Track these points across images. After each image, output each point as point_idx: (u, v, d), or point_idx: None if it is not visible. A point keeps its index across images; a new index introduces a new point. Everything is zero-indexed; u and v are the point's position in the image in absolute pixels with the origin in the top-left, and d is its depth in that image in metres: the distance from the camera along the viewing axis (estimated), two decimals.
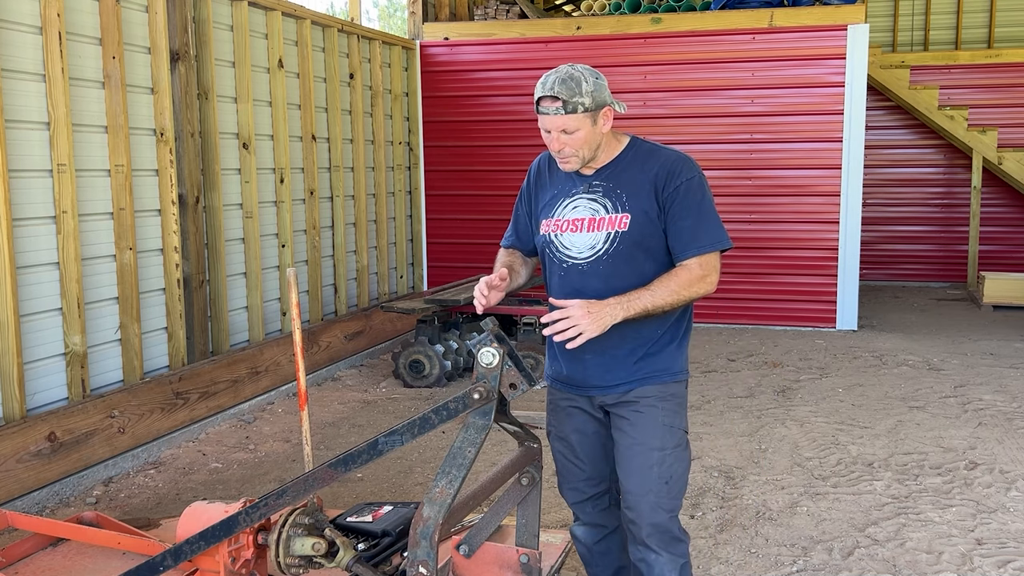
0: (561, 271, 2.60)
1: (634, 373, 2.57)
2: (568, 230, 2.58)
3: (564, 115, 2.43)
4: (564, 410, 2.73)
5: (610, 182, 2.56)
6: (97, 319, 5.08)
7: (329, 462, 2.37)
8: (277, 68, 6.74)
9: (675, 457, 2.57)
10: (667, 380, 2.59)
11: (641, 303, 2.43)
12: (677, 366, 2.62)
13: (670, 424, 2.58)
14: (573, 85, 2.43)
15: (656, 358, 2.58)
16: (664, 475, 2.55)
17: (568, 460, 2.75)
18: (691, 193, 2.50)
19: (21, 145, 4.57)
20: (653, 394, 2.57)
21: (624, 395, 2.59)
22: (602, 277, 2.53)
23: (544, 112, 2.46)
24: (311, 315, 7.28)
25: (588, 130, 2.47)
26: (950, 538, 3.92)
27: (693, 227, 2.49)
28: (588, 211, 2.57)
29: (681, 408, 2.63)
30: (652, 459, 2.54)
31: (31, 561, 3.10)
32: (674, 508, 2.59)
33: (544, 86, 2.45)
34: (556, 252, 2.61)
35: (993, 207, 11.24)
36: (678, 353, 2.63)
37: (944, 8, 11.52)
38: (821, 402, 6.12)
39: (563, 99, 2.42)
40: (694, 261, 2.50)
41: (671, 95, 8.78)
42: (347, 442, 5.40)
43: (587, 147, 2.50)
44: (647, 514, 2.55)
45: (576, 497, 2.79)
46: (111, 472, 4.86)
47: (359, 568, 2.45)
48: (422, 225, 9.49)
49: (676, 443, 2.58)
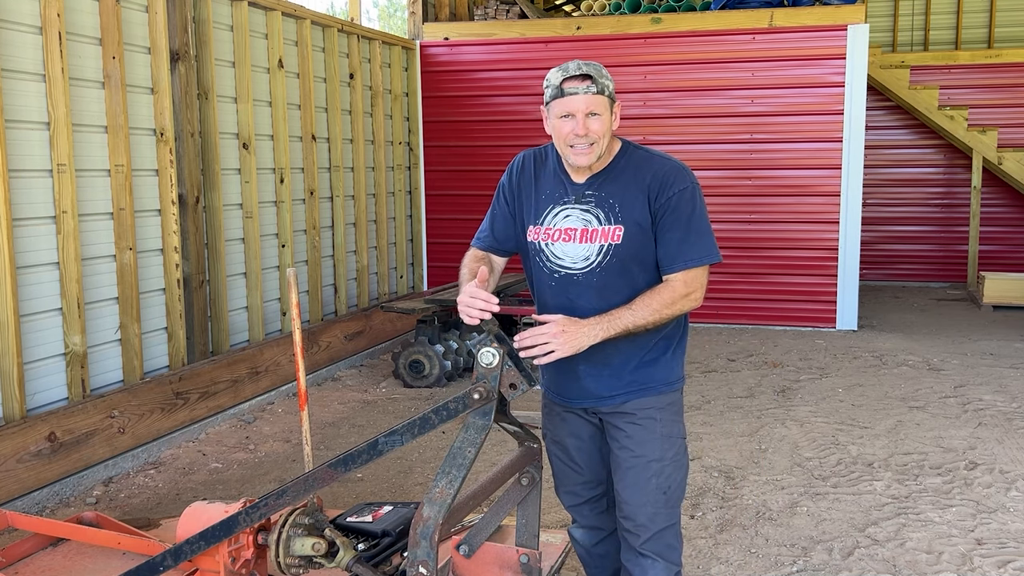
0: (552, 281, 2.54)
1: (629, 384, 2.52)
2: (560, 239, 2.51)
3: (595, 94, 2.36)
4: (559, 415, 2.70)
5: (602, 191, 2.48)
6: (97, 319, 5.08)
7: (329, 462, 2.37)
8: (277, 68, 6.74)
9: (674, 467, 2.55)
10: (664, 390, 2.55)
11: (622, 323, 2.37)
12: (673, 375, 2.58)
13: (668, 434, 2.54)
14: (598, 67, 2.40)
15: (652, 368, 2.53)
16: (663, 486, 2.53)
17: (564, 464, 2.74)
18: (682, 205, 2.43)
19: (21, 145, 4.57)
20: (651, 405, 2.53)
21: (619, 406, 2.54)
22: (596, 288, 2.47)
23: (572, 92, 2.37)
24: (311, 315, 7.28)
25: (608, 119, 2.41)
26: (950, 538, 3.92)
27: (681, 240, 2.42)
28: (580, 221, 2.48)
29: (678, 416, 2.60)
30: (650, 471, 2.52)
31: (31, 561, 3.10)
32: (672, 517, 2.57)
33: (567, 70, 2.39)
34: (547, 262, 2.54)
35: (993, 207, 11.24)
36: (674, 362, 2.58)
37: (944, 8, 11.52)
38: (821, 402, 6.12)
39: (594, 77, 2.37)
40: (679, 277, 2.43)
41: (671, 95, 8.78)
42: (347, 442, 5.40)
43: (605, 138, 2.43)
44: (645, 524, 2.53)
45: (573, 500, 2.78)
46: (111, 472, 4.86)
47: (359, 568, 2.45)
48: (422, 225, 9.49)
49: (675, 453, 2.56)
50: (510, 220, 2.66)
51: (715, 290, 8.79)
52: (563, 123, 2.41)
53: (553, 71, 2.44)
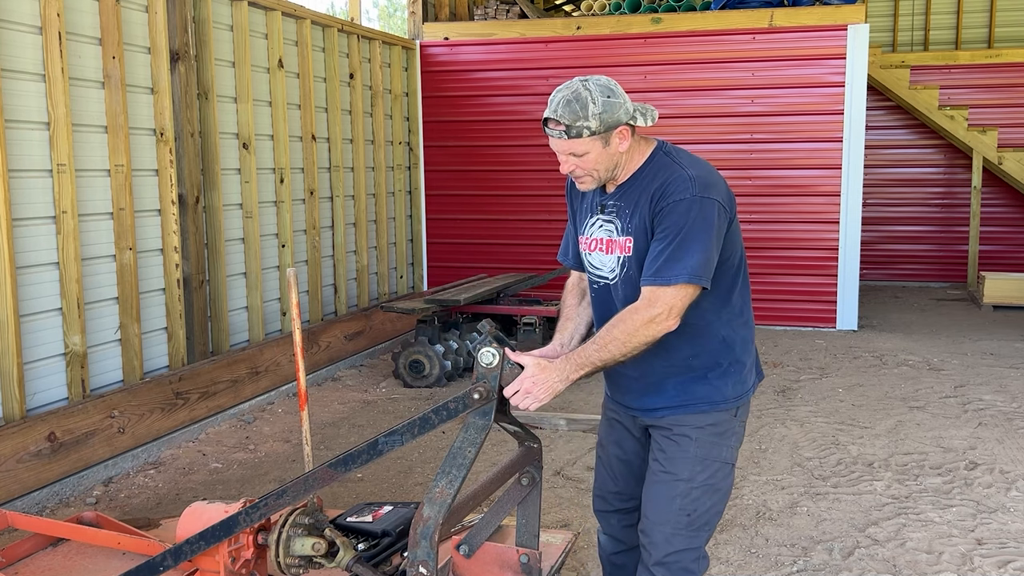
0: (593, 290, 2.58)
1: (671, 400, 2.46)
2: (597, 249, 2.51)
3: (568, 139, 2.32)
4: (609, 420, 2.72)
5: (623, 201, 2.44)
6: (97, 319, 5.08)
7: (329, 462, 2.37)
8: (277, 68, 6.74)
9: (704, 490, 2.44)
10: (705, 409, 2.45)
11: (589, 360, 2.29)
12: (720, 395, 2.46)
13: (704, 456, 2.45)
14: (578, 108, 2.29)
15: (696, 385, 2.46)
16: (687, 508, 2.44)
17: (603, 468, 2.75)
18: (675, 216, 2.30)
19: (21, 145, 4.57)
20: (689, 423, 2.45)
21: (658, 420, 2.51)
22: (621, 300, 2.45)
23: (549, 134, 2.36)
24: (311, 315, 7.28)
25: (599, 152, 2.34)
26: (950, 538, 3.92)
27: (660, 254, 2.30)
28: (605, 232, 2.48)
29: (722, 439, 2.47)
30: (676, 490, 2.44)
31: (31, 561, 3.10)
32: (693, 542, 2.46)
33: (550, 106, 2.33)
34: (590, 271, 2.57)
35: (993, 207, 11.24)
36: (724, 381, 2.47)
37: (944, 8, 11.52)
38: (821, 402, 6.12)
39: (566, 124, 2.29)
40: (646, 297, 2.30)
41: (671, 95, 8.77)
42: (347, 442, 5.40)
43: (601, 167, 2.38)
44: (660, 544, 2.46)
45: (602, 506, 2.78)
46: (111, 472, 4.85)
47: (359, 568, 2.45)
48: (422, 225, 9.49)
49: (708, 476, 2.45)
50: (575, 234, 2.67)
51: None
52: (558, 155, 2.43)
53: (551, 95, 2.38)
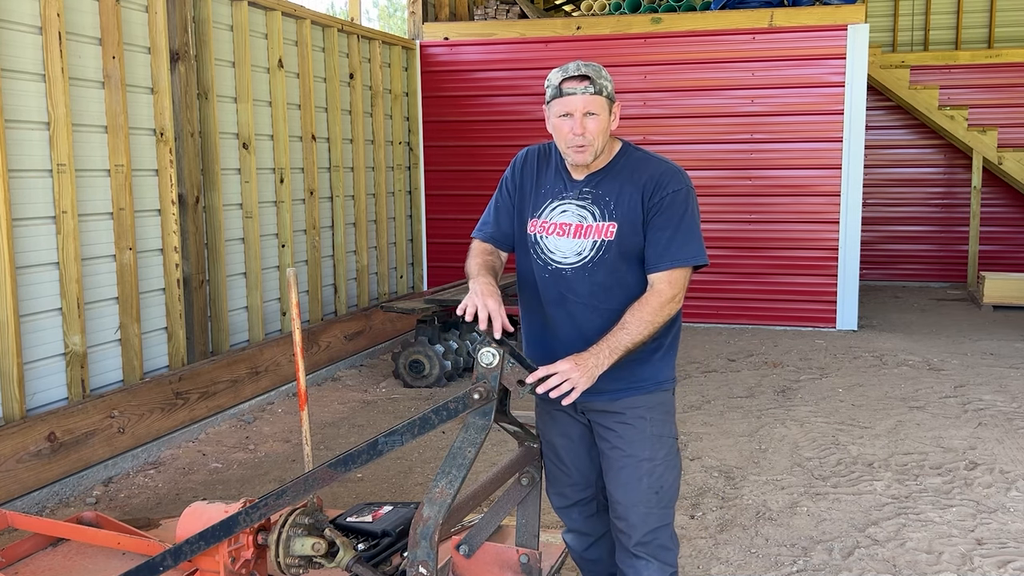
0: (545, 273, 2.58)
1: (618, 382, 2.50)
2: (554, 233, 2.55)
3: (592, 95, 2.42)
4: (549, 413, 2.71)
5: (600, 189, 2.53)
6: (97, 319, 5.08)
7: (329, 462, 2.37)
8: (277, 68, 6.74)
9: (665, 466, 2.56)
10: (653, 389, 2.57)
11: (622, 344, 2.38)
12: (663, 375, 2.59)
13: (659, 434, 2.56)
14: (597, 68, 2.46)
15: (642, 367, 2.54)
16: (654, 485, 2.54)
17: (553, 464, 2.74)
18: (675, 206, 2.47)
19: (21, 145, 4.57)
20: (641, 404, 2.55)
21: (609, 404, 2.55)
22: (586, 284, 2.52)
23: (571, 92, 2.42)
24: (311, 315, 7.28)
25: (605, 120, 2.46)
26: (950, 538, 3.92)
27: (669, 240, 2.46)
28: (576, 217, 2.53)
29: (669, 416, 2.62)
30: (642, 470, 2.53)
31: (31, 561, 3.10)
32: (665, 518, 2.58)
33: (567, 70, 2.45)
34: (541, 254, 2.58)
35: (993, 207, 11.24)
36: (664, 362, 2.60)
37: (944, 8, 11.52)
38: (821, 402, 6.12)
39: (592, 78, 2.42)
40: (663, 277, 2.46)
41: (671, 95, 8.78)
42: (347, 442, 5.40)
43: (599, 139, 2.47)
44: (638, 524, 2.54)
45: (561, 502, 2.79)
46: (111, 472, 4.85)
47: (359, 568, 2.45)
48: (422, 225, 9.49)
49: (666, 453, 2.57)
50: (512, 213, 2.69)
51: (715, 290, 8.80)
52: (562, 122, 2.47)
53: (554, 72, 2.49)
